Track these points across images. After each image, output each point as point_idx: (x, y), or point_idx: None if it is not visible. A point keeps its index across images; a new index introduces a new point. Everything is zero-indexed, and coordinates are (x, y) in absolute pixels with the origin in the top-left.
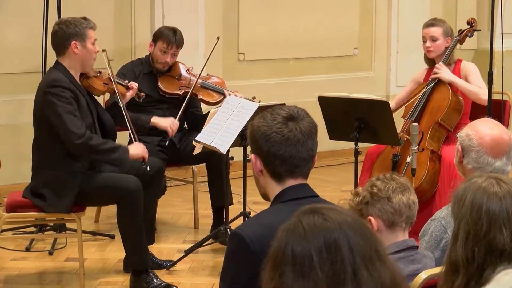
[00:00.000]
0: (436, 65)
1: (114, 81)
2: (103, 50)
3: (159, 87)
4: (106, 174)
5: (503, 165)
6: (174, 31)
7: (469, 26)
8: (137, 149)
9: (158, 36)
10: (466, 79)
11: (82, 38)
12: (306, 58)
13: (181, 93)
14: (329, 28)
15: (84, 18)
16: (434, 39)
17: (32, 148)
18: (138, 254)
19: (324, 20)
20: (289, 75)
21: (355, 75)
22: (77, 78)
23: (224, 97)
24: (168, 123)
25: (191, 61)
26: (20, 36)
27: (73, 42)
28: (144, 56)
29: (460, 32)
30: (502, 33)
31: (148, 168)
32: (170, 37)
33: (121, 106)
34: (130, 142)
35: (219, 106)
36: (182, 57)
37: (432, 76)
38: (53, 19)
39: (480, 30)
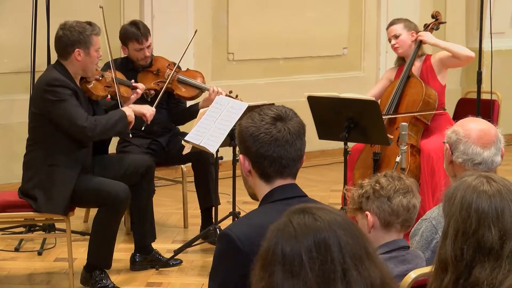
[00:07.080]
0: (420, 32)
1: (116, 83)
2: (100, 7)
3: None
4: (97, 178)
5: (492, 155)
6: (136, 25)
7: (434, 20)
8: (129, 111)
9: (125, 38)
10: (440, 65)
11: (86, 45)
12: (295, 57)
13: (158, 88)
14: (319, 28)
15: (89, 23)
16: (397, 36)
17: (26, 146)
18: (105, 254)
19: (314, 20)
20: (278, 75)
21: (344, 75)
22: (77, 81)
23: (201, 92)
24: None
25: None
26: (9, 36)
27: (77, 49)
28: (123, 56)
29: (426, 26)
30: (491, 33)
31: (130, 135)
32: (137, 35)
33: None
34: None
35: (200, 102)
36: (172, 57)
37: (418, 38)
38: (42, 18)
39: (445, 22)
